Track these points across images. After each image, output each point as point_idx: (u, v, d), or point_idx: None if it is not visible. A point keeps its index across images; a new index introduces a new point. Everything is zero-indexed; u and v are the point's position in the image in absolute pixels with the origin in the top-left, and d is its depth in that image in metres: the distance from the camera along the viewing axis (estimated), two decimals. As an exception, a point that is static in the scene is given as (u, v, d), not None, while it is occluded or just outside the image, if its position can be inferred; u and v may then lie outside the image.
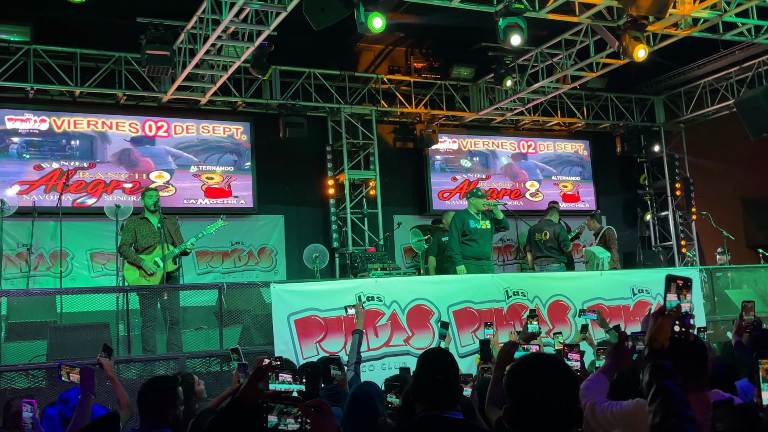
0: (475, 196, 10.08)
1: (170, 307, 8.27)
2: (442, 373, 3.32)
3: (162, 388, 3.89)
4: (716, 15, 10.64)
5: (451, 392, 3.31)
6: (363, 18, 8.81)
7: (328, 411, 2.21)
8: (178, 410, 3.81)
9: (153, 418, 3.71)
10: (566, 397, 2.39)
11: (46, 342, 7.71)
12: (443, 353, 3.64)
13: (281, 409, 2.20)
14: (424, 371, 3.42)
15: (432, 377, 3.32)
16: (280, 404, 2.23)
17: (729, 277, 11.03)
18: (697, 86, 15.39)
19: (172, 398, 3.81)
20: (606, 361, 3.65)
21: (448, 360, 3.49)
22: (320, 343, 7.70)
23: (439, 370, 3.34)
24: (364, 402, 4.09)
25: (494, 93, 14.56)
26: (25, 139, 11.79)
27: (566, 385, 2.42)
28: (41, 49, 11.45)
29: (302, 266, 12.34)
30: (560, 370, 2.49)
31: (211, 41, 10.20)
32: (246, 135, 13.31)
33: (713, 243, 14.53)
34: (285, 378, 2.68)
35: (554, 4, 10.00)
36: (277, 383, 2.68)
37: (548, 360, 2.61)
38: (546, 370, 2.45)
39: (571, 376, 2.50)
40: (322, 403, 2.24)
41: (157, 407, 3.74)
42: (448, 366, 3.42)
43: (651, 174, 16.65)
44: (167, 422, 3.73)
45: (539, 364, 2.52)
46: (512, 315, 8.60)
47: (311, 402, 2.28)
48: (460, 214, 10.04)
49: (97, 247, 11.82)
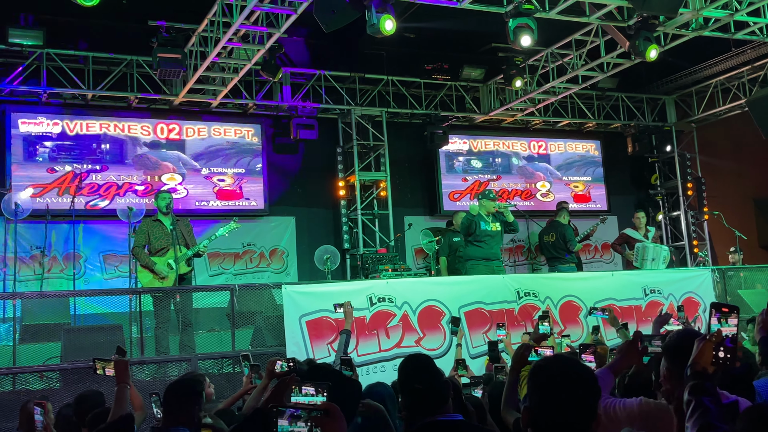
0: (486, 198, 10.06)
1: (183, 308, 8.32)
2: (420, 381, 3.33)
3: (190, 387, 3.93)
4: (727, 14, 10.59)
5: (435, 397, 3.31)
6: (374, 20, 8.82)
7: (338, 414, 2.23)
8: (200, 411, 3.86)
9: (177, 417, 3.75)
10: (588, 397, 2.41)
11: (60, 344, 7.77)
12: (418, 359, 3.61)
13: (292, 413, 2.21)
14: (402, 383, 3.45)
15: (410, 387, 3.34)
16: (291, 408, 2.24)
17: (741, 277, 10.98)
18: (709, 86, 15.32)
19: (197, 399, 3.86)
20: (615, 357, 3.66)
21: (424, 365, 3.50)
22: (332, 345, 7.72)
23: (417, 379, 3.36)
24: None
25: (504, 94, 14.55)
26: (38, 143, 11.86)
27: (588, 385, 2.43)
28: (54, 53, 11.54)
29: (313, 268, 12.37)
30: (581, 370, 2.51)
31: (222, 44, 10.25)
32: (257, 137, 13.36)
33: (726, 243, 14.47)
34: (308, 390, 2.71)
35: (564, 4, 9.99)
36: (300, 396, 2.71)
37: (568, 361, 2.63)
38: (567, 371, 2.46)
39: (591, 375, 2.52)
40: (332, 407, 2.25)
41: (183, 407, 3.78)
42: (425, 372, 3.43)
43: (662, 174, 16.59)
44: (191, 423, 3.77)
45: (560, 364, 2.54)
46: (524, 316, 8.60)
47: (321, 405, 2.29)
48: (470, 215, 10.03)
49: (110, 249, 11.89)
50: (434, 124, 14.03)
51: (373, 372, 7.77)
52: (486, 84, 14.61)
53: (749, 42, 12.78)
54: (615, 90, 15.57)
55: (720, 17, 10.71)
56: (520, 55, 13.08)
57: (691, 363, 2.44)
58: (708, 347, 2.46)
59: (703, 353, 2.45)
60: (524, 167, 15.47)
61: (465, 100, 14.80)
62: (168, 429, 3.74)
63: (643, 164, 16.63)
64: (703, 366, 2.43)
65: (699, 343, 2.49)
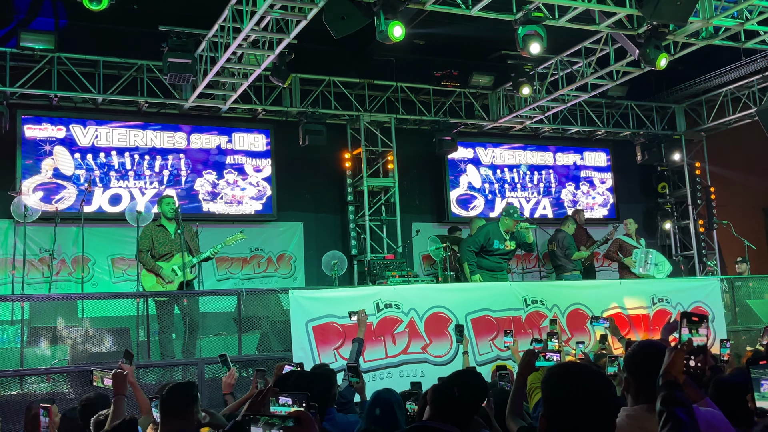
0: (510, 217, 9.94)
1: (189, 312, 8.33)
2: (463, 391, 3.33)
3: (186, 391, 3.91)
4: (737, 23, 10.57)
5: (463, 413, 3.31)
6: (383, 26, 8.84)
7: (309, 421, 2.23)
8: (198, 415, 3.85)
9: (175, 423, 3.74)
10: (606, 401, 2.39)
11: (67, 347, 7.79)
12: (477, 376, 3.61)
13: (266, 421, 2.23)
14: (448, 382, 3.43)
15: (450, 390, 3.33)
16: (264, 416, 2.26)
17: (750, 286, 10.93)
18: (719, 94, 15.27)
19: (194, 403, 3.84)
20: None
21: (477, 385, 3.49)
22: (338, 350, 7.72)
23: (463, 387, 3.35)
24: (384, 409, 4.12)
25: (514, 101, 14.54)
26: (48, 147, 11.91)
27: (604, 389, 2.42)
28: (65, 57, 11.60)
29: (321, 273, 12.37)
30: (595, 374, 2.50)
31: (232, 49, 10.28)
32: (266, 142, 13.39)
33: (735, 252, 14.40)
34: (285, 401, 2.74)
35: (574, 12, 9.98)
36: (278, 406, 2.75)
37: (581, 366, 2.63)
38: (583, 375, 2.45)
39: (606, 380, 2.51)
40: (303, 414, 2.27)
41: (180, 411, 3.77)
42: (474, 389, 3.43)
43: (672, 183, 16.53)
44: (190, 426, 3.76)
45: (574, 370, 2.53)
46: (531, 324, 8.58)
47: (292, 413, 2.31)
48: (489, 228, 10.02)
49: (119, 252, 11.93)
50: (443, 130, 14.03)
51: (379, 378, 7.76)
52: (495, 91, 14.60)
53: (759, 51, 12.75)
54: (624, 98, 15.54)
55: (730, 26, 10.68)
56: (529, 63, 13.06)
57: (663, 372, 2.44)
58: (679, 357, 2.46)
59: (675, 363, 2.45)
60: (533, 175, 15.45)
61: (474, 107, 14.80)
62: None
63: (652, 173, 16.58)
64: (674, 375, 2.42)
65: (670, 353, 2.49)
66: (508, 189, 15.17)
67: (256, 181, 13.21)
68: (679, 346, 2.51)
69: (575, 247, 11.13)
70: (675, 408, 2.30)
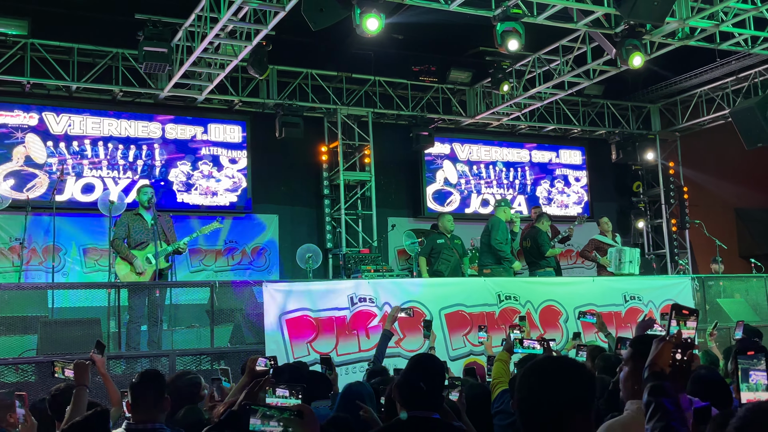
0: (508, 206, 10.75)
1: (160, 304, 8.25)
2: (427, 381, 3.37)
3: (154, 380, 3.86)
4: (713, 25, 10.67)
5: (433, 400, 3.38)
6: (358, 20, 8.81)
7: (311, 416, 2.22)
8: (167, 403, 3.80)
9: (146, 413, 3.70)
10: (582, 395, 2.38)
11: (36, 336, 7.68)
12: (433, 360, 3.67)
13: (264, 412, 2.21)
14: (410, 376, 3.45)
15: (416, 384, 3.35)
16: (263, 407, 2.24)
17: (721, 285, 11.05)
18: (693, 95, 15.44)
19: (162, 391, 3.80)
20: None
21: (437, 370, 3.54)
22: (311, 344, 7.71)
23: (425, 377, 3.39)
24: (355, 401, 4.11)
25: (491, 98, 14.58)
26: (18, 134, 11.75)
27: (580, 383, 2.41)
28: (38, 44, 11.43)
29: (295, 266, 12.34)
30: (573, 368, 2.47)
31: (209, 39, 10.20)
32: (242, 134, 13.31)
33: (706, 252, 14.57)
34: (282, 392, 2.72)
35: (552, 10, 10.02)
36: (274, 397, 2.72)
37: (560, 360, 2.62)
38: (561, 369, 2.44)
39: (586, 373, 2.49)
40: (305, 408, 2.26)
41: (149, 401, 3.73)
42: (435, 375, 3.47)
43: (645, 182, 16.69)
44: (161, 416, 3.72)
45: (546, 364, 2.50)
46: (504, 319, 8.61)
47: (294, 406, 2.30)
48: (501, 222, 10.40)
49: (91, 243, 11.81)
50: (420, 125, 14.04)
51: (352, 372, 7.75)
52: (473, 87, 14.64)
53: (734, 53, 12.89)
54: (600, 97, 15.66)
55: (706, 27, 10.79)
56: (507, 60, 13.11)
57: (650, 363, 2.46)
58: (667, 348, 2.48)
59: (662, 354, 2.47)
60: (508, 171, 15.51)
61: (451, 102, 14.82)
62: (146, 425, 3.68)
63: (626, 172, 16.73)
64: (661, 367, 2.44)
65: (658, 343, 2.51)
66: (484, 185, 15.23)
67: (231, 173, 13.13)
68: (667, 338, 2.52)
69: (549, 244, 11.18)
70: (662, 398, 2.32)
